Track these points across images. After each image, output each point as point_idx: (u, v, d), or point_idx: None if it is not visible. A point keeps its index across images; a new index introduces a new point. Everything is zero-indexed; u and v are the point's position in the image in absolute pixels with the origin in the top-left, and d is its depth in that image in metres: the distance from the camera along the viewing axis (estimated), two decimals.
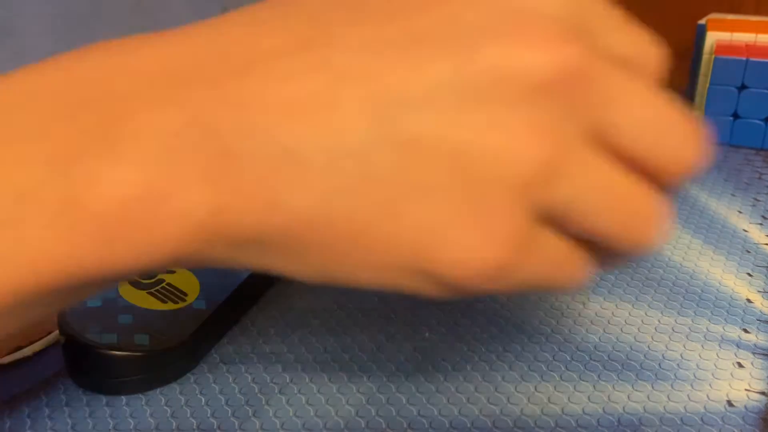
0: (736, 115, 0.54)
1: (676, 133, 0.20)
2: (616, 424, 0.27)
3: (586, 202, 0.18)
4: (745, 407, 0.28)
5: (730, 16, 0.67)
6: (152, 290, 0.31)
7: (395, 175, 0.17)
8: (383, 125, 0.17)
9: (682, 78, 0.74)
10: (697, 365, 0.30)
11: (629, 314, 0.33)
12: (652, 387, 0.29)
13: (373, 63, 0.17)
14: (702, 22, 0.66)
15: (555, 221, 0.18)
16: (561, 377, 0.29)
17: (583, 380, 0.29)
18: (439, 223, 0.17)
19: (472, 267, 0.17)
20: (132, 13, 0.47)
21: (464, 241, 0.17)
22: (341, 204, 0.17)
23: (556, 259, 0.19)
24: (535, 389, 0.29)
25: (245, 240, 0.17)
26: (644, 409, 0.27)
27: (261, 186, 0.17)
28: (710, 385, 0.29)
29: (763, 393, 0.28)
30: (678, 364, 0.30)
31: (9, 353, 0.31)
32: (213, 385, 0.29)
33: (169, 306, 0.30)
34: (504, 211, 0.17)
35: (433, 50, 0.17)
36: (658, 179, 0.20)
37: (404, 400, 0.28)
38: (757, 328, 0.32)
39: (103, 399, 0.28)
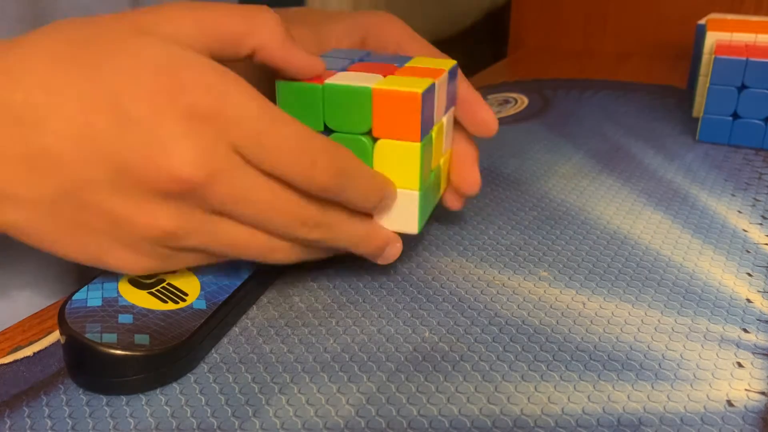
0: (736, 115, 0.54)
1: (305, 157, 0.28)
2: (616, 424, 0.27)
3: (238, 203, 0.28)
4: (745, 407, 0.28)
5: (730, 16, 0.67)
6: (152, 290, 0.31)
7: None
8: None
9: (682, 78, 0.74)
10: (697, 365, 0.30)
11: (629, 314, 0.33)
12: (652, 387, 0.29)
13: None
14: (702, 22, 0.66)
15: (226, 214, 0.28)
16: (561, 377, 0.29)
17: (583, 380, 0.29)
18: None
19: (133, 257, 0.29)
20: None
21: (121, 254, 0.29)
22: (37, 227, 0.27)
23: (234, 240, 0.29)
24: (535, 389, 0.29)
25: None
26: (644, 409, 0.27)
27: None
28: (710, 384, 0.29)
29: (763, 393, 0.28)
30: (678, 364, 0.30)
31: (9, 353, 0.31)
32: (213, 385, 0.29)
33: (169, 306, 0.31)
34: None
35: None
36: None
37: (404, 400, 0.28)
38: (757, 328, 0.32)
39: (103, 399, 0.28)
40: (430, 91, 0.32)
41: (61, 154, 0.26)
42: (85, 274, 0.40)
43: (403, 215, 0.33)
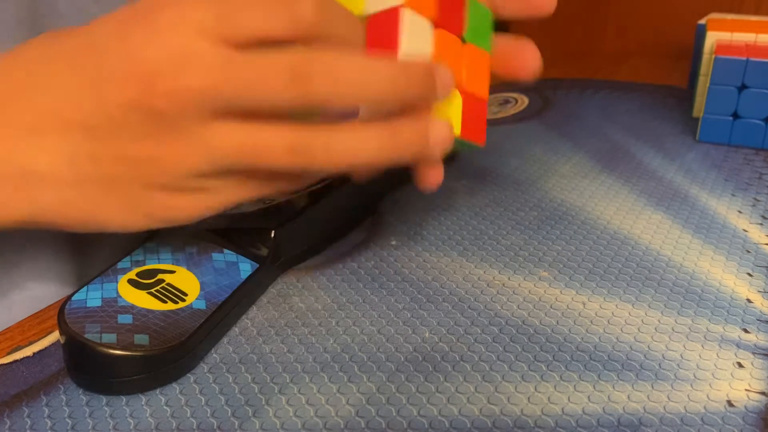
0: (736, 115, 0.54)
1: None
2: (616, 424, 0.27)
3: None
4: (745, 407, 0.28)
5: (730, 16, 0.67)
6: (152, 290, 0.31)
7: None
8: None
9: (682, 78, 0.74)
10: (697, 365, 0.30)
11: (629, 314, 0.33)
12: (652, 387, 0.29)
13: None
14: (702, 22, 0.66)
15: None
16: (561, 377, 0.29)
17: (583, 380, 0.29)
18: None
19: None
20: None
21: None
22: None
23: (266, 141, 0.27)
24: (536, 389, 0.29)
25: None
26: (644, 409, 0.27)
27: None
28: (710, 385, 0.29)
29: (763, 393, 0.28)
30: (678, 364, 0.30)
31: (9, 353, 0.31)
32: (213, 385, 0.29)
33: (169, 306, 0.30)
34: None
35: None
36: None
37: (404, 400, 0.28)
38: (757, 328, 0.32)
39: (103, 399, 0.28)
40: None
41: (59, 111, 0.26)
42: (85, 274, 0.40)
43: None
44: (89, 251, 0.41)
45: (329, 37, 0.26)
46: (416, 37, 0.29)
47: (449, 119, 0.30)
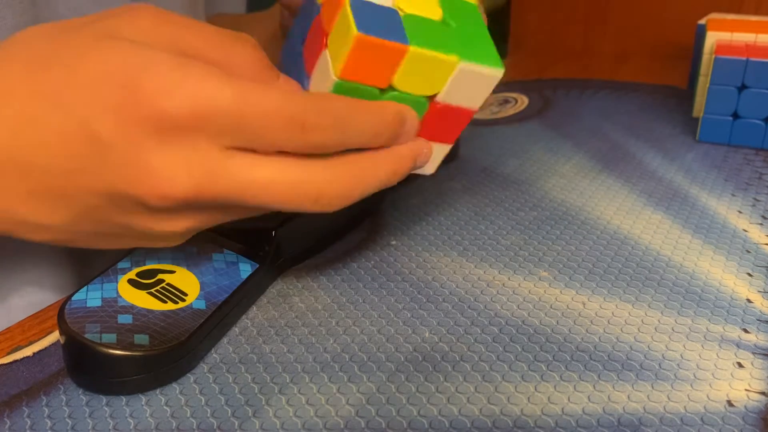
0: (736, 115, 0.54)
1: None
2: (616, 424, 0.27)
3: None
4: (745, 407, 0.28)
5: (730, 16, 0.67)
6: (152, 290, 0.31)
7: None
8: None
9: (682, 78, 0.74)
10: (697, 365, 0.30)
11: (629, 314, 0.33)
12: (652, 387, 0.29)
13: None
14: (702, 22, 0.66)
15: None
16: (561, 377, 0.29)
17: (583, 380, 0.29)
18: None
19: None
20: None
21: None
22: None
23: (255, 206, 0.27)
24: (536, 389, 0.29)
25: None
26: (644, 409, 0.27)
27: None
28: (710, 385, 0.29)
29: (763, 393, 0.28)
30: (678, 364, 0.30)
31: (9, 353, 0.31)
32: (213, 385, 0.29)
33: (169, 306, 0.30)
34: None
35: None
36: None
37: (404, 400, 0.28)
38: (757, 328, 0.32)
39: (103, 399, 0.28)
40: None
41: (57, 187, 0.26)
42: (85, 275, 0.40)
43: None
44: (88, 258, 0.41)
45: (338, 146, 0.27)
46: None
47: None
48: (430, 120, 0.31)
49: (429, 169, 0.32)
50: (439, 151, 0.32)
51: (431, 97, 0.30)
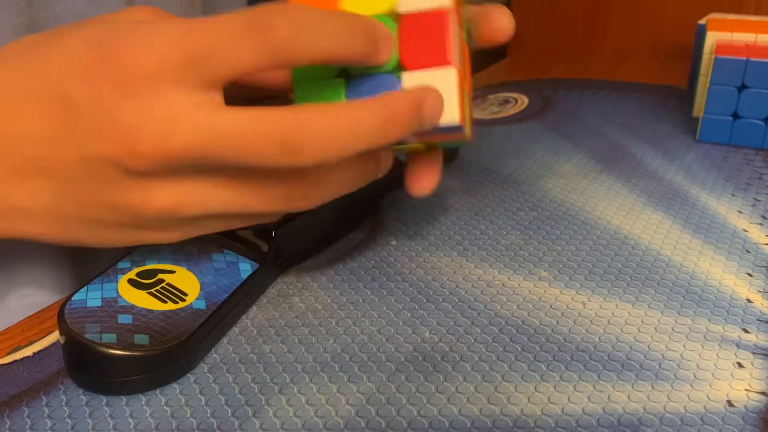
0: (736, 115, 0.54)
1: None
2: (616, 424, 0.27)
3: None
4: (745, 407, 0.28)
5: (730, 16, 0.67)
6: (152, 290, 0.31)
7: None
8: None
9: (682, 78, 0.74)
10: (697, 365, 0.30)
11: (629, 314, 0.33)
12: (652, 387, 0.29)
13: None
14: (702, 22, 0.66)
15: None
16: (561, 377, 0.29)
17: (583, 380, 0.29)
18: None
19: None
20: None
21: None
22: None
23: (234, 200, 0.27)
24: (536, 389, 0.29)
25: None
26: (644, 409, 0.27)
27: None
28: (710, 385, 0.29)
29: (763, 393, 0.28)
30: (678, 364, 0.30)
31: (9, 353, 0.31)
32: (213, 385, 0.29)
33: (169, 306, 0.30)
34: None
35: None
36: None
37: (404, 400, 0.28)
38: (757, 328, 0.32)
39: (103, 399, 0.28)
40: None
41: (38, 158, 0.26)
42: (85, 275, 0.40)
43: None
44: (88, 258, 0.41)
45: (309, 51, 0.25)
46: (455, 34, 0.28)
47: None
48: (407, 40, 0.28)
49: (450, 116, 0.28)
50: (447, 88, 0.28)
51: (396, 18, 0.28)
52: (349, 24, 0.26)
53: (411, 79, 0.28)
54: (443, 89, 0.28)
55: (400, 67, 0.28)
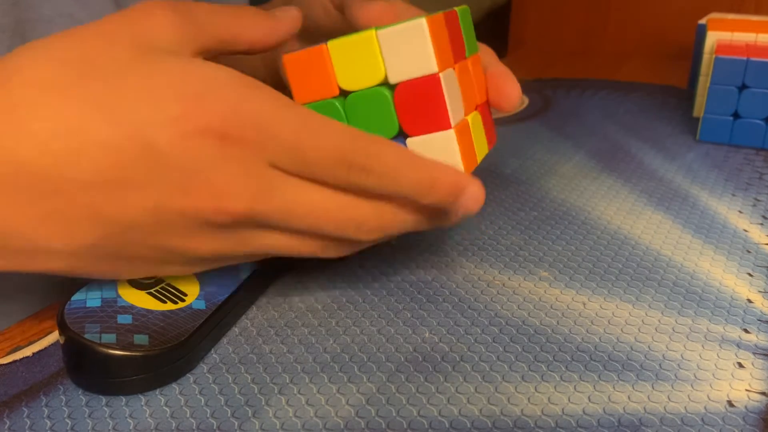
0: (736, 115, 0.54)
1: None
2: (616, 424, 0.27)
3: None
4: (746, 408, 0.28)
5: (730, 16, 0.67)
6: (152, 290, 0.31)
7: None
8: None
9: (682, 78, 0.74)
10: (698, 365, 0.30)
11: (629, 314, 0.33)
12: (653, 387, 0.29)
13: None
14: (702, 22, 0.66)
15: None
16: (561, 377, 0.29)
17: (583, 380, 0.29)
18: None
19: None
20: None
21: None
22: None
23: (285, 246, 0.28)
24: (536, 389, 0.29)
25: None
26: (645, 410, 0.27)
27: None
28: (711, 385, 0.29)
29: (763, 393, 0.28)
30: (678, 365, 0.30)
31: (8, 353, 0.31)
32: (213, 385, 0.29)
33: (169, 306, 0.30)
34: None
35: None
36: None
37: (404, 400, 0.28)
38: (758, 328, 0.32)
39: (103, 399, 0.28)
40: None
41: (91, 204, 0.24)
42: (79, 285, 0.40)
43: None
44: None
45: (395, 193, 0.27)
46: (451, 89, 0.30)
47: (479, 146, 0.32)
48: (405, 108, 0.29)
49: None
50: (448, 150, 0.30)
51: (390, 88, 0.29)
52: (425, 183, 0.28)
53: (415, 144, 0.30)
54: (445, 151, 0.29)
55: (403, 134, 0.30)
